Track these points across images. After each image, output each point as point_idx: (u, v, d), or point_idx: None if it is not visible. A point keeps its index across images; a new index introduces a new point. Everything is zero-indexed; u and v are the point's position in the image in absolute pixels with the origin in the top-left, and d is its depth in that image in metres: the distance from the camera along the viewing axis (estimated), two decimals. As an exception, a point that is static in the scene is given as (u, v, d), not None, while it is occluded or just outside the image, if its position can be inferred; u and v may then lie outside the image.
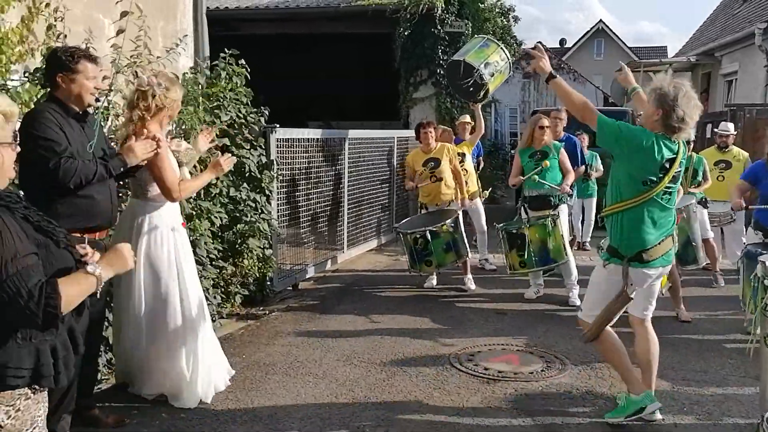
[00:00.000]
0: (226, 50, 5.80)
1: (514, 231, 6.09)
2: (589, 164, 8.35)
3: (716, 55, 17.26)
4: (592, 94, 22.75)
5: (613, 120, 3.62)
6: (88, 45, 4.37)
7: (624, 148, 3.57)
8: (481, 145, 9.22)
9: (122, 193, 4.50)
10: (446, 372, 4.60)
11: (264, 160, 6.18)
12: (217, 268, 5.48)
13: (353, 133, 8.61)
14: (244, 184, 5.89)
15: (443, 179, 6.97)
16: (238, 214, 5.85)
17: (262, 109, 6.10)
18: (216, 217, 5.26)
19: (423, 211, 7.31)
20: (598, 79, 27.51)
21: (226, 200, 5.69)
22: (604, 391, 4.28)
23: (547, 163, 6.15)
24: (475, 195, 7.66)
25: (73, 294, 2.03)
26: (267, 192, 6.24)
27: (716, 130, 7.76)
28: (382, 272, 7.96)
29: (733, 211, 7.28)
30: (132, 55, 4.67)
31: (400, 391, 4.27)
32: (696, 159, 7.00)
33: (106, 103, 4.53)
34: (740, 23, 16.68)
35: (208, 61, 6.41)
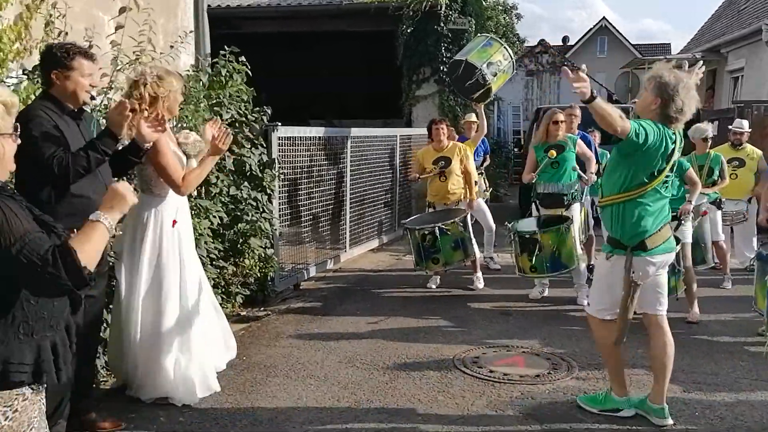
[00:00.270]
0: (227, 48, 5.72)
1: (527, 236, 5.94)
2: (600, 162, 8.26)
3: (722, 52, 17.13)
4: (595, 91, 22.65)
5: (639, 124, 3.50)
6: (90, 42, 4.30)
7: (644, 148, 3.49)
8: (488, 143, 9.09)
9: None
10: (450, 375, 4.51)
11: (265, 158, 6.09)
12: (218, 268, 5.39)
13: (356, 131, 8.53)
14: (245, 183, 5.81)
15: (452, 178, 6.87)
16: (239, 213, 5.77)
17: (264, 108, 6.03)
18: (215, 216, 5.18)
19: (430, 209, 7.20)
20: (601, 76, 27.34)
21: (227, 199, 5.61)
22: (612, 394, 4.17)
23: (553, 153, 5.98)
24: (477, 195, 7.56)
25: (89, 247, 2.01)
26: (268, 191, 6.16)
27: (730, 127, 7.64)
28: (384, 272, 7.88)
29: (746, 210, 7.20)
30: (135, 51, 4.60)
31: (404, 395, 4.18)
32: (713, 156, 6.86)
33: (105, 101, 4.45)
34: (747, 19, 16.56)
35: (210, 59, 6.34)
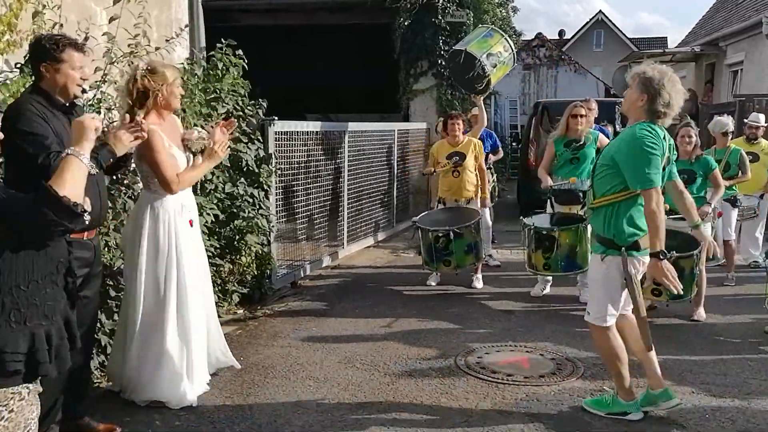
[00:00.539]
0: (223, 40, 5.59)
1: (545, 232, 5.84)
2: None
3: (721, 45, 17.03)
4: (593, 85, 22.52)
5: (650, 157, 3.40)
6: (86, 33, 4.17)
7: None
8: (496, 137, 8.87)
9: (114, 189, 4.31)
10: (453, 376, 4.40)
11: (262, 153, 5.97)
12: (214, 266, 5.27)
13: (353, 126, 8.42)
14: (242, 179, 5.69)
15: (465, 174, 6.74)
16: (236, 209, 5.65)
17: (260, 101, 5.90)
18: (208, 213, 5.05)
19: (440, 206, 7.05)
20: (597, 70, 27.28)
21: (223, 196, 5.49)
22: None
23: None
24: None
25: (65, 177, 2.10)
26: (265, 187, 6.04)
27: (746, 121, 7.58)
28: (383, 268, 7.77)
29: (758, 206, 7.13)
30: (129, 44, 4.48)
31: (406, 396, 4.08)
32: (732, 150, 6.78)
33: (99, 95, 4.33)
34: (746, 12, 16.46)
35: (204, 52, 6.21)
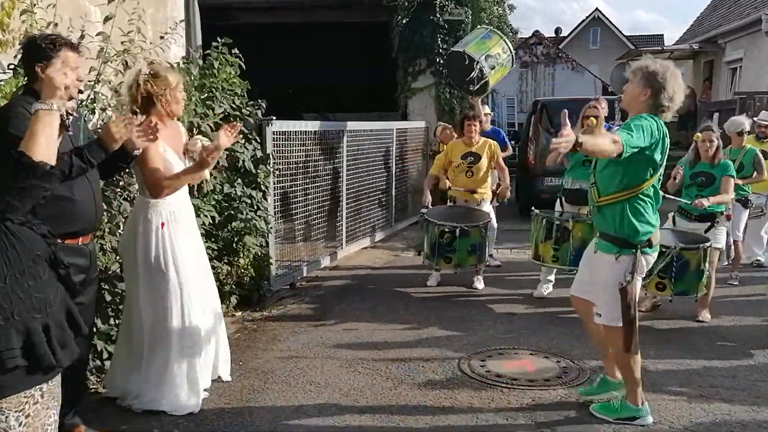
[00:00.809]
0: (219, 39, 5.50)
1: (557, 222, 5.75)
2: None
3: (719, 43, 16.96)
4: (590, 83, 22.49)
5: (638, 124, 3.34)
6: (82, 32, 4.08)
7: (647, 149, 3.37)
8: (504, 134, 8.70)
9: (109, 190, 4.22)
10: (457, 380, 4.32)
11: (259, 154, 5.88)
12: (211, 268, 5.17)
13: (352, 125, 8.32)
14: (239, 180, 5.60)
15: (478, 175, 6.63)
16: (233, 211, 5.56)
17: (259, 101, 5.81)
18: (206, 215, 4.95)
19: (450, 203, 6.96)
20: (594, 68, 27.23)
21: (220, 197, 5.40)
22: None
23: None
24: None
25: (39, 141, 2.10)
26: (263, 187, 5.95)
27: (755, 119, 7.51)
28: (382, 269, 7.68)
29: (765, 204, 7.07)
30: (123, 41, 4.39)
31: (409, 402, 4.00)
32: (748, 150, 6.74)
33: (92, 95, 4.24)
34: (745, 9, 16.40)
35: (201, 51, 6.11)
